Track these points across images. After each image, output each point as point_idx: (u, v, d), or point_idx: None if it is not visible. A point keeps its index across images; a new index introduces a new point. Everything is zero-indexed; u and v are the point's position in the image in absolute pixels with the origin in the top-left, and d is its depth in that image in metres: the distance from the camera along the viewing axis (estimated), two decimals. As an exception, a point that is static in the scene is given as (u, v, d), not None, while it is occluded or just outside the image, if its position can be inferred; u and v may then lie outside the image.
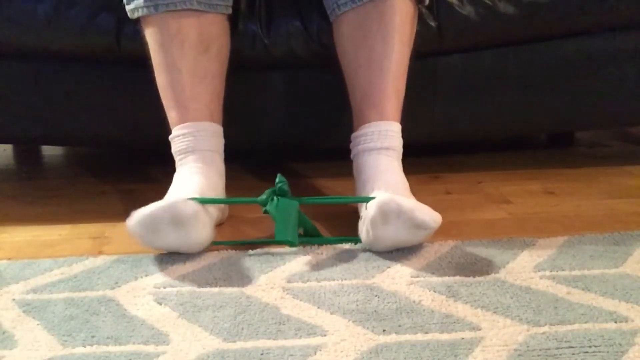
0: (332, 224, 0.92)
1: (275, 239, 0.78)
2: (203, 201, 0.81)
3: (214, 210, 0.85)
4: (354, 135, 0.92)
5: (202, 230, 0.78)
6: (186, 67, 0.90)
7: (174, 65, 0.90)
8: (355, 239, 0.83)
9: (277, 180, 0.84)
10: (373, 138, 0.89)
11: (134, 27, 1.02)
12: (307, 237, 0.85)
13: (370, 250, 0.81)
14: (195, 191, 0.83)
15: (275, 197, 0.83)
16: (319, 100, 1.14)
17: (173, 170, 0.90)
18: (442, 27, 1.07)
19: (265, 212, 0.83)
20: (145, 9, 0.90)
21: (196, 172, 0.87)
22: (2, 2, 1.03)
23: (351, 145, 0.93)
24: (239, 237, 0.89)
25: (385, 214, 0.74)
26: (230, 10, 0.95)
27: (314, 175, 1.20)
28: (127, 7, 0.93)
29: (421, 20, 1.00)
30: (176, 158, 0.91)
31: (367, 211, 0.77)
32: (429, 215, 0.76)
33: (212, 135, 0.91)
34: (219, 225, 0.92)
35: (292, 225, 0.80)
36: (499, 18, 1.08)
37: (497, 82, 1.14)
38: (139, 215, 0.76)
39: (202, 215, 0.78)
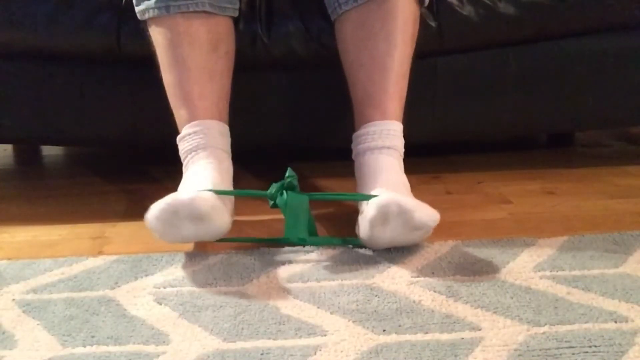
0: (331, 224, 0.92)
1: (285, 235, 0.78)
2: (219, 192, 0.81)
3: (229, 202, 0.85)
4: (355, 134, 0.92)
5: (219, 220, 0.77)
6: (195, 65, 0.90)
7: (184, 63, 0.90)
8: (356, 240, 0.83)
9: (287, 174, 0.83)
10: (374, 137, 0.89)
11: (134, 27, 1.02)
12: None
13: (370, 251, 0.81)
14: (210, 184, 0.82)
15: (284, 192, 0.82)
16: (319, 100, 1.14)
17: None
18: (442, 27, 1.07)
19: (274, 206, 0.83)
20: (156, 10, 0.90)
21: (209, 167, 0.86)
22: (2, 2, 1.03)
23: (352, 144, 0.93)
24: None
25: (385, 215, 0.74)
26: (237, 13, 0.96)
27: (314, 175, 1.20)
28: (137, 8, 0.93)
29: (421, 20, 0.99)
30: (186, 157, 0.89)
31: (367, 211, 0.76)
32: (428, 215, 0.76)
33: (221, 134, 0.91)
34: None
35: (302, 221, 0.80)
36: (499, 18, 1.08)
37: (497, 82, 1.14)
38: (157, 209, 0.74)
39: (219, 205, 0.78)
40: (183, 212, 0.73)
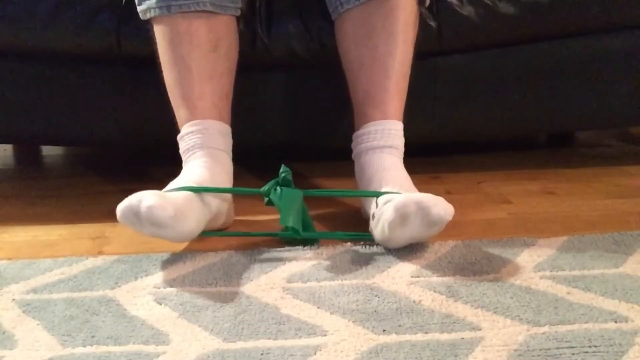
0: (331, 224, 0.92)
1: (279, 223, 0.78)
2: (198, 190, 0.81)
3: (214, 201, 0.84)
4: (355, 134, 0.92)
5: (181, 227, 0.75)
6: (195, 64, 0.90)
7: (183, 62, 0.90)
8: (367, 235, 0.83)
9: (280, 170, 0.83)
10: (376, 137, 0.89)
11: (134, 27, 1.02)
12: (306, 231, 0.84)
13: (370, 250, 0.81)
14: (195, 182, 0.82)
15: (278, 187, 0.82)
16: (319, 100, 1.14)
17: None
18: (442, 27, 1.07)
19: (269, 202, 0.83)
20: (157, 10, 0.90)
21: (202, 166, 0.86)
22: (2, 2, 1.03)
23: (352, 144, 0.93)
24: (237, 238, 0.88)
25: (405, 216, 0.74)
26: (239, 12, 0.96)
27: (314, 175, 1.20)
28: (139, 8, 0.93)
29: (421, 20, 1.00)
30: (184, 157, 0.89)
31: (384, 212, 0.76)
32: (445, 210, 0.75)
33: (221, 134, 0.90)
34: (224, 228, 0.91)
35: (295, 213, 0.79)
36: (499, 18, 1.08)
37: (497, 82, 1.14)
38: (122, 207, 0.74)
39: (186, 209, 0.76)
40: (142, 216, 0.73)
